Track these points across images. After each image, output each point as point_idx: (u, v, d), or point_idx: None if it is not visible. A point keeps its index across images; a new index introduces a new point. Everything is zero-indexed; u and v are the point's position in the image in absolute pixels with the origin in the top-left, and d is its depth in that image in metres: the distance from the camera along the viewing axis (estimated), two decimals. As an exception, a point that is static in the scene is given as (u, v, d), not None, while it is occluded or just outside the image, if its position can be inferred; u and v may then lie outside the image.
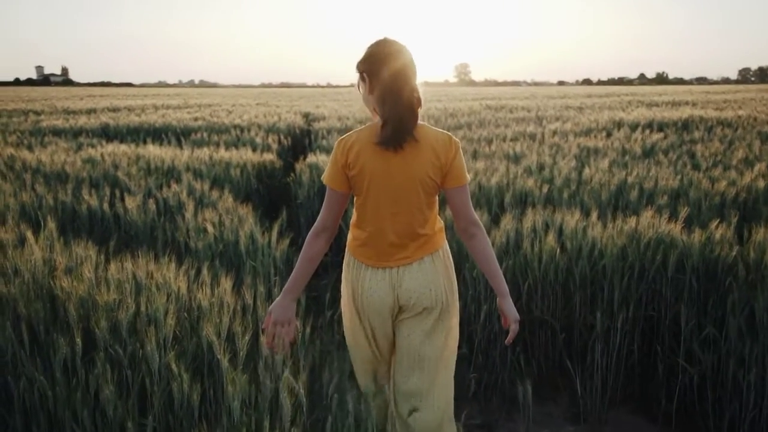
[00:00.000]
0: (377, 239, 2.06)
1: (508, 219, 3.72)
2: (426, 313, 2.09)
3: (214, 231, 3.80)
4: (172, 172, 5.62)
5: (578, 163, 5.85)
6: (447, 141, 2.00)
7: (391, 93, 1.94)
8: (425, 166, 1.97)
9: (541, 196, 4.70)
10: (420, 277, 2.06)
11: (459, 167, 2.01)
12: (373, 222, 2.05)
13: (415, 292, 2.06)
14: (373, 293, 2.08)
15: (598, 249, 3.36)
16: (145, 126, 9.71)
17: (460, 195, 2.03)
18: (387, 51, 1.98)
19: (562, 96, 26.25)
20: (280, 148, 8.21)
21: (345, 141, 2.03)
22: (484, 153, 6.71)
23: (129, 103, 17.26)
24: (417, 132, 1.98)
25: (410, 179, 1.98)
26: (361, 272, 2.10)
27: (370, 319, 2.13)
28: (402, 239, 2.04)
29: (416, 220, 2.03)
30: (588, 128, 8.84)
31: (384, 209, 2.02)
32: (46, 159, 5.59)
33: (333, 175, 2.04)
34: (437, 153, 1.97)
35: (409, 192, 1.99)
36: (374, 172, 1.98)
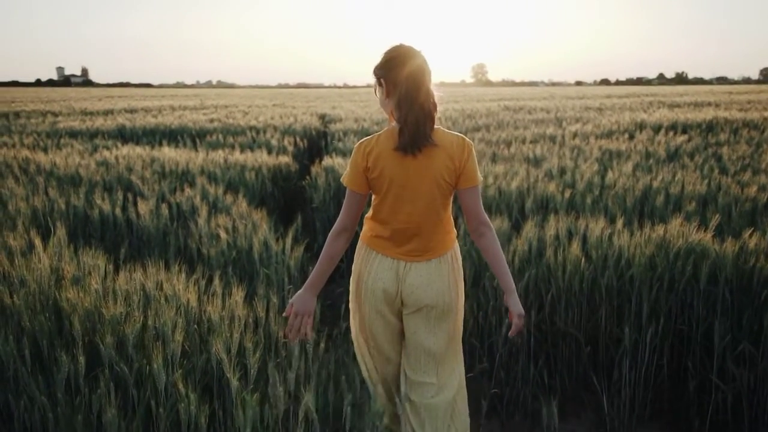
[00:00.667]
0: (391, 234, 2.15)
1: (529, 226, 3.59)
2: (427, 310, 2.18)
3: (227, 237, 3.71)
4: (186, 175, 5.54)
5: (600, 167, 5.69)
6: (461, 143, 2.09)
7: (407, 99, 2.01)
8: (441, 169, 2.05)
9: (563, 202, 4.56)
10: (424, 275, 2.15)
11: (472, 169, 2.10)
12: (388, 219, 2.14)
13: (417, 288, 2.15)
14: (378, 279, 2.18)
15: (625, 258, 3.22)
16: (161, 127, 9.68)
17: (471, 195, 2.12)
18: (402, 57, 2.04)
19: (580, 96, 25.96)
20: (295, 151, 8.13)
21: (365, 145, 2.11)
22: (503, 156, 6.57)
23: (146, 104, 17.29)
24: (433, 136, 2.05)
25: (427, 182, 2.06)
26: (370, 258, 2.20)
27: (372, 304, 2.21)
28: (417, 238, 2.14)
29: (431, 220, 2.12)
30: (609, 130, 8.65)
31: (401, 209, 2.11)
32: (61, 162, 5.54)
33: (353, 178, 2.13)
34: (451, 156, 2.06)
35: (426, 194, 2.08)
36: (393, 175, 2.07)
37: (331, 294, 4.68)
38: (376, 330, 2.27)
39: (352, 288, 2.31)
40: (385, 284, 2.17)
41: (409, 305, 2.19)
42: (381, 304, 2.21)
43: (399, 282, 2.16)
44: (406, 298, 2.17)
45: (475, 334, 3.32)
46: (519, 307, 2.16)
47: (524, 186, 4.88)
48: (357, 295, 2.28)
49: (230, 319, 2.32)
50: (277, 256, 3.60)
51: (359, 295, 2.26)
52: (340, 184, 5.51)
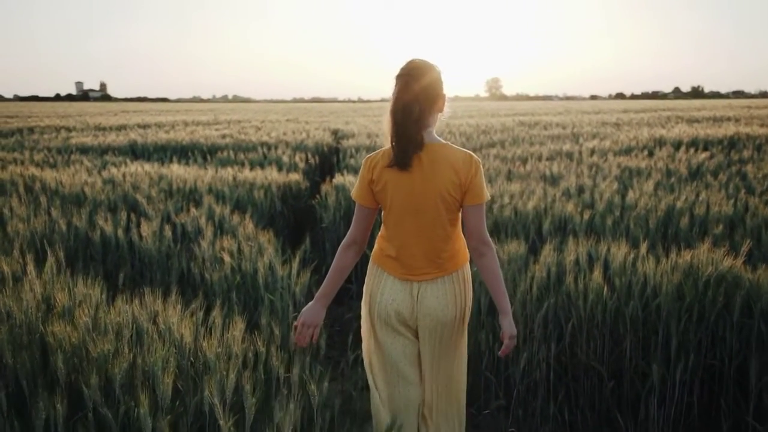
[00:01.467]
0: (401, 252, 2.15)
1: (547, 250, 3.41)
2: (441, 328, 2.17)
3: (231, 261, 3.56)
4: (193, 193, 5.42)
5: (620, 186, 5.49)
6: (468, 160, 2.09)
7: (398, 114, 2.05)
8: (446, 184, 2.06)
9: (582, 223, 4.37)
10: (440, 296, 2.14)
11: (478, 186, 2.09)
12: (397, 236, 2.15)
13: (434, 310, 2.14)
14: (392, 301, 2.16)
15: (650, 287, 3.03)
16: (172, 144, 9.59)
17: (476, 213, 2.11)
18: (407, 72, 2.09)
19: (596, 111, 25.70)
20: (307, 167, 7.99)
21: (371, 159, 2.15)
22: (519, 173, 6.39)
23: (160, 120, 17.30)
24: (437, 151, 2.09)
25: (431, 196, 2.07)
26: (382, 280, 2.19)
27: (387, 324, 2.20)
28: (425, 254, 2.13)
29: (438, 236, 2.12)
30: (628, 146, 8.44)
31: (407, 224, 2.12)
32: (66, 180, 5.44)
33: (360, 191, 2.18)
34: (457, 171, 2.06)
35: (430, 208, 2.08)
36: (396, 189, 2.09)
37: (340, 318, 4.52)
38: (393, 350, 2.23)
39: (364, 310, 2.29)
40: (398, 306, 2.16)
41: (424, 327, 2.18)
42: (396, 323, 2.19)
43: (414, 303, 2.15)
44: (422, 319, 2.16)
45: (490, 367, 3.13)
46: (512, 329, 2.16)
47: (541, 206, 4.70)
48: (370, 316, 2.26)
49: (227, 356, 2.16)
50: (282, 281, 3.44)
51: (372, 316, 2.24)
52: (350, 203, 5.36)
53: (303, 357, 2.37)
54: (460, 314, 2.20)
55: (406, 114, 2.04)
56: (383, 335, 2.22)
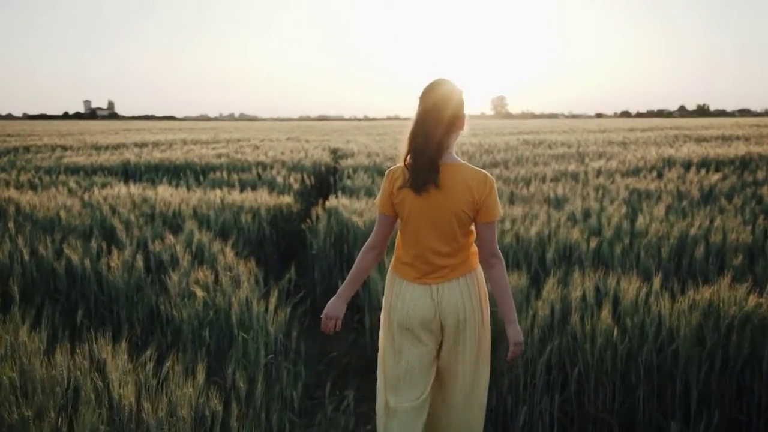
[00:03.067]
0: (417, 260, 2.25)
1: (551, 285, 3.09)
2: (461, 327, 2.25)
3: (205, 295, 3.26)
4: (176, 218, 5.12)
5: (629, 209, 5.17)
6: (483, 179, 2.19)
7: (416, 136, 2.16)
8: (460, 202, 2.16)
9: (588, 252, 4.05)
10: (457, 294, 2.23)
11: (492, 204, 2.20)
12: (413, 245, 2.25)
13: (454, 308, 2.23)
14: (414, 306, 2.24)
15: (666, 329, 2.70)
16: (165, 163, 9.33)
17: (489, 229, 2.23)
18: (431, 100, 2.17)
19: (602, 130, 25.40)
20: (302, 188, 7.71)
21: (393, 171, 2.27)
22: (522, 196, 6.08)
23: (159, 138, 17.08)
24: (454, 170, 2.17)
25: (446, 212, 2.17)
26: (402, 287, 2.28)
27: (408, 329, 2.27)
28: (440, 260, 2.23)
29: (452, 246, 2.22)
30: (636, 167, 8.12)
31: (423, 235, 2.22)
32: (43, 203, 5.15)
33: (381, 200, 2.30)
34: (472, 190, 2.16)
35: (445, 223, 2.18)
36: (414, 203, 2.19)
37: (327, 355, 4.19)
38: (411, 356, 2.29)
39: (383, 318, 2.38)
40: (421, 309, 2.24)
41: (449, 325, 2.25)
42: (419, 330, 2.26)
43: (436, 305, 2.23)
44: (445, 319, 2.24)
45: (490, 419, 2.79)
46: (517, 335, 2.29)
47: (545, 232, 4.38)
48: (389, 324, 2.34)
49: (174, 420, 1.84)
50: (258, 319, 3.13)
51: (392, 324, 2.32)
52: (342, 228, 5.04)
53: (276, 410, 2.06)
54: (479, 312, 2.28)
55: (428, 141, 2.14)
56: (401, 342, 2.30)
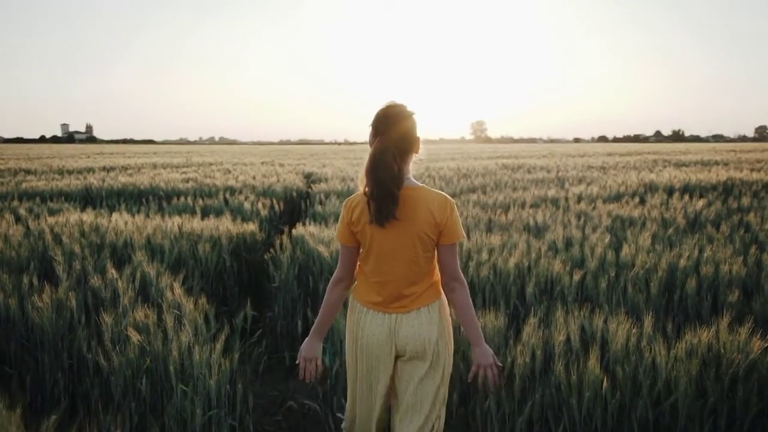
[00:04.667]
0: (379, 288, 2.22)
1: (531, 326, 2.75)
2: (419, 359, 2.21)
3: (141, 340, 2.86)
4: (127, 248, 4.72)
5: (612, 238, 4.87)
6: (443, 202, 2.16)
7: (375, 169, 2.09)
8: (422, 225, 2.14)
9: (572, 286, 3.72)
10: (416, 325, 2.19)
11: (453, 226, 2.17)
12: (374, 273, 2.22)
13: (411, 339, 2.19)
14: (372, 336, 2.23)
15: (662, 380, 2.36)
16: (129, 188, 8.90)
17: (450, 252, 2.20)
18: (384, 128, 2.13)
19: (581, 154, 25.37)
20: (271, 215, 7.33)
21: (351, 201, 2.24)
22: (500, 223, 5.76)
23: (129, 162, 16.58)
24: (415, 194, 2.15)
25: (409, 237, 2.14)
26: (362, 316, 2.25)
27: (368, 361, 2.25)
28: (401, 289, 2.20)
29: (414, 273, 2.19)
30: (617, 192, 7.87)
31: (384, 262, 2.19)
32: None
33: (341, 231, 2.27)
34: (433, 213, 2.14)
35: (407, 248, 2.16)
36: (375, 230, 2.15)
37: (283, 405, 3.79)
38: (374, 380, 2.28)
39: (348, 344, 2.35)
40: (379, 339, 2.22)
41: (404, 356, 2.22)
42: (378, 357, 2.24)
43: (392, 335, 2.21)
44: (401, 350, 2.21)
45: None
46: (483, 358, 2.24)
47: (524, 263, 4.05)
48: (352, 351, 2.32)
49: None
50: (201, 366, 2.74)
51: (353, 351, 2.31)
52: (308, 260, 4.68)
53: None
54: (437, 346, 2.22)
55: (387, 173, 2.07)
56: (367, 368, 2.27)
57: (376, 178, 2.07)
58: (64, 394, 2.84)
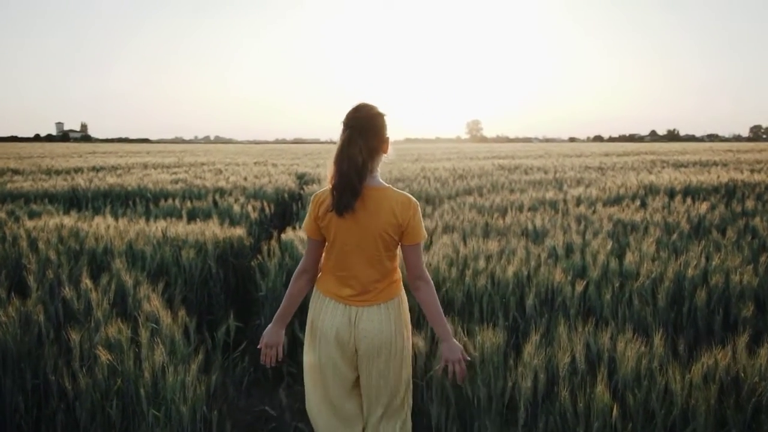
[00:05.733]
0: (341, 281, 2.28)
1: (532, 344, 2.54)
2: (377, 354, 2.27)
3: (111, 359, 2.64)
4: (107, 255, 4.49)
5: (615, 244, 4.67)
6: (406, 203, 2.22)
7: (340, 160, 2.15)
8: (384, 224, 2.19)
9: (574, 297, 3.51)
10: (375, 319, 2.25)
11: (415, 226, 2.23)
12: (338, 267, 2.28)
13: (370, 333, 2.24)
14: (332, 325, 2.27)
15: (678, 408, 2.16)
16: (116, 189, 8.66)
17: (413, 251, 2.26)
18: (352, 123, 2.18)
19: (578, 154, 25.18)
20: (261, 217, 7.10)
21: (318, 196, 2.30)
22: (498, 227, 5.55)
23: (119, 162, 16.30)
24: (379, 194, 2.20)
25: (370, 234, 2.20)
26: (324, 304, 2.31)
27: (325, 349, 2.29)
28: (363, 284, 2.25)
29: (376, 269, 2.25)
30: (617, 195, 7.66)
31: (347, 257, 2.24)
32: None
33: (308, 224, 2.32)
34: (395, 213, 2.19)
35: (370, 245, 2.21)
36: (339, 226, 2.21)
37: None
38: (327, 378, 2.33)
39: (307, 333, 2.38)
40: (338, 329, 2.26)
41: (362, 349, 2.27)
42: (334, 349, 2.28)
43: (352, 327, 2.26)
44: (359, 342, 2.26)
45: None
46: (452, 353, 2.29)
47: (523, 272, 3.85)
48: (312, 339, 2.35)
49: None
50: (174, 389, 2.53)
51: (313, 339, 2.34)
52: (294, 266, 4.46)
53: None
54: (397, 339, 2.29)
55: (351, 164, 2.12)
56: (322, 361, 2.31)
57: (340, 168, 2.14)
58: (25, 419, 2.61)
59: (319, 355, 2.31)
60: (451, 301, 3.68)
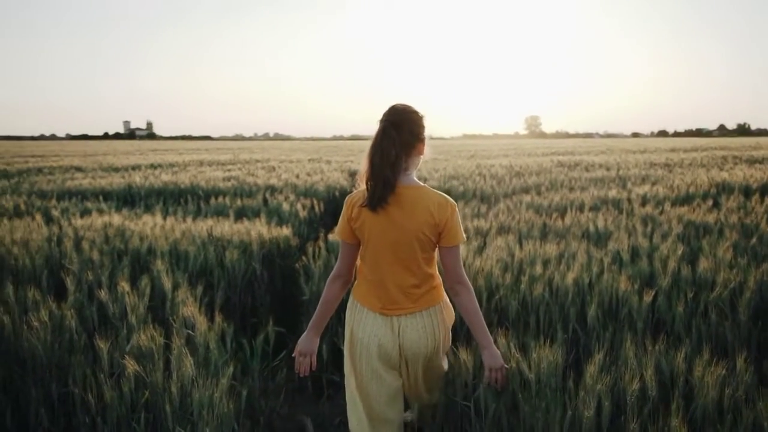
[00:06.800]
0: (378, 288, 2.24)
1: (595, 365, 2.26)
2: (423, 363, 2.29)
3: (139, 370, 2.50)
4: (151, 255, 4.41)
5: (686, 248, 4.28)
6: (443, 203, 2.20)
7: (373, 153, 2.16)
8: (421, 224, 2.17)
9: (641, 308, 3.19)
10: (420, 329, 2.23)
11: (453, 228, 2.20)
12: (374, 271, 2.25)
13: (416, 342, 2.23)
14: (373, 335, 2.24)
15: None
16: (170, 187, 8.69)
17: (451, 254, 2.23)
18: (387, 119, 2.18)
19: (641, 150, 24.23)
20: (311, 216, 6.95)
21: (352, 197, 2.28)
22: (556, 229, 5.23)
23: (176, 159, 16.56)
24: (414, 193, 2.19)
25: (406, 235, 2.17)
26: (363, 315, 2.27)
27: (368, 360, 2.26)
28: (401, 290, 2.22)
29: (413, 273, 2.22)
30: (686, 194, 7.18)
31: (382, 260, 2.21)
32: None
33: (341, 227, 2.30)
34: (432, 212, 2.17)
35: (405, 246, 2.18)
36: (373, 226, 2.19)
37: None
38: (370, 389, 2.29)
39: (347, 346, 2.34)
40: (381, 340, 2.23)
41: (408, 358, 2.25)
42: (376, 361, 2.25)
43: (396, 337, 2.22)
44: (405, 352, 2.24)
45: None
46: (493, 360, 2.24)
47: (584, 279, 3.54)
48: (351, 353, 2.31)
49: None
50: (203, 406, 2.36)
51: (354, 352, 2.30)
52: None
53: None
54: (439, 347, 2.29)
55: (384, 158, 2.11)
56: (365, 374, 2.28)
57: (373, 161, 2.13)
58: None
59: (362, 367, 2.29)
60: (505, 309, 3.41)
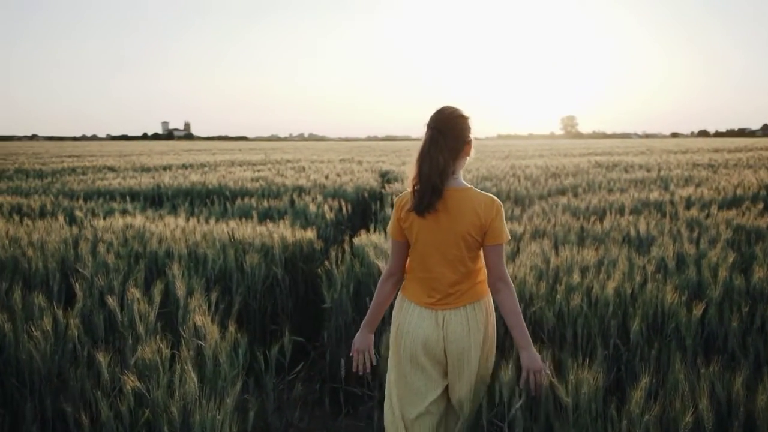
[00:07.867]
0: (425, 284, 2.30)
1: (641, 390, 1.99)
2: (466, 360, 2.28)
3: (138, 387, 2.31)
4: (169, 258, 4.25)
5: (737, 255, 3.94)
6: (489, 203, 2.24)
7: (421, 160, 2.19)
8: (467, 225, 2.21)
9: (690, 324, 2.89)
10: (464, 322, 2.27)
11: (498, 228, 2.24)
12: (421, 268, 2.30)
13: (459, 336, 2.26)
14: (418, 327, 2.28)
15: None
16: (197, 187, 8.60)
17: (495, 252, 2.25)
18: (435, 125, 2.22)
19: (683, 150, 23.50)
20: (338, 218, 6.74)
21: (401, 198, 2.35)
22: (595, 233, 4.92)
23: (207, 159, 16.58)
24: (461, 195, 2.23)
25: (453, 236, 2.22)
26: (409, 310, 2.32)
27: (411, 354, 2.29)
28: (447, 286, 2.27)
29: (459, 271, 2.26)
30: (734, 196, 6.79)
31: (430, 259, 2.27)
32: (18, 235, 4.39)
33: (392, 226, 2.37)
34: (479, 214, 2.21)
35: (452, 246, 2.24)
36: (421, 227, 2.24)
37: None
38: (414, 382, 2.32)
39: (392, 339, 2.38)
40: (425, 332, 2.27)
41: (451, 353, 2.27)
42: (421, 354, 2.29)
43: (440, 330, 2.26)
44: (449, 345, 2.27)
45: None
46: (532, 362, 2.24)
47: (626, 289, 3.25)
48: (396, 345, 2.35)
49: None
50: (205, 428, 2.16)
51: (398, 345, 2.34)
52: (368, 276, 4.04)
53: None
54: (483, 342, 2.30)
55: (433, 165, 2.16)
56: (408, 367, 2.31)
57: (421, 169, 2.17)
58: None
59: (406, 358, 2.31)
60: (540, 322, 3.14)
